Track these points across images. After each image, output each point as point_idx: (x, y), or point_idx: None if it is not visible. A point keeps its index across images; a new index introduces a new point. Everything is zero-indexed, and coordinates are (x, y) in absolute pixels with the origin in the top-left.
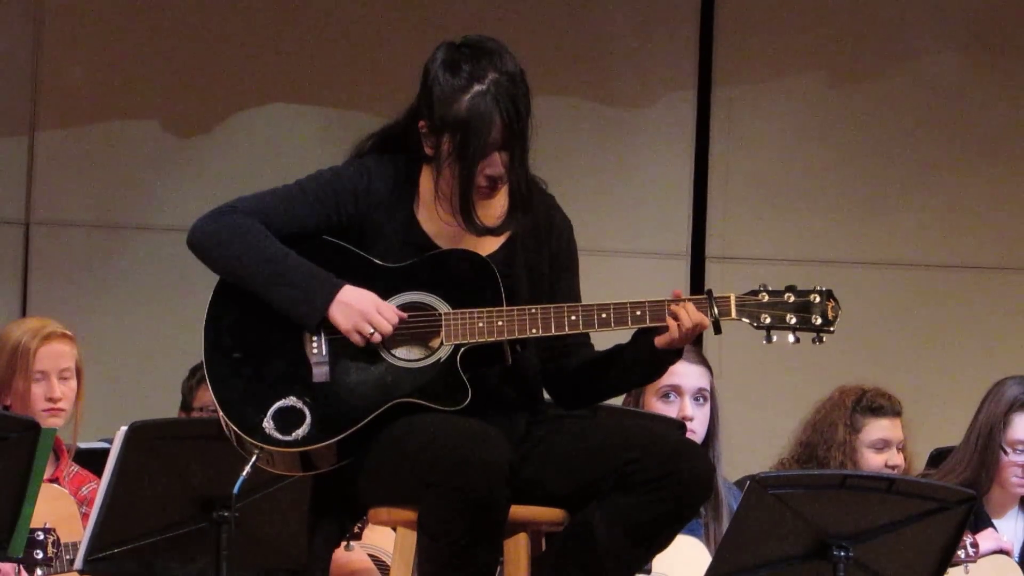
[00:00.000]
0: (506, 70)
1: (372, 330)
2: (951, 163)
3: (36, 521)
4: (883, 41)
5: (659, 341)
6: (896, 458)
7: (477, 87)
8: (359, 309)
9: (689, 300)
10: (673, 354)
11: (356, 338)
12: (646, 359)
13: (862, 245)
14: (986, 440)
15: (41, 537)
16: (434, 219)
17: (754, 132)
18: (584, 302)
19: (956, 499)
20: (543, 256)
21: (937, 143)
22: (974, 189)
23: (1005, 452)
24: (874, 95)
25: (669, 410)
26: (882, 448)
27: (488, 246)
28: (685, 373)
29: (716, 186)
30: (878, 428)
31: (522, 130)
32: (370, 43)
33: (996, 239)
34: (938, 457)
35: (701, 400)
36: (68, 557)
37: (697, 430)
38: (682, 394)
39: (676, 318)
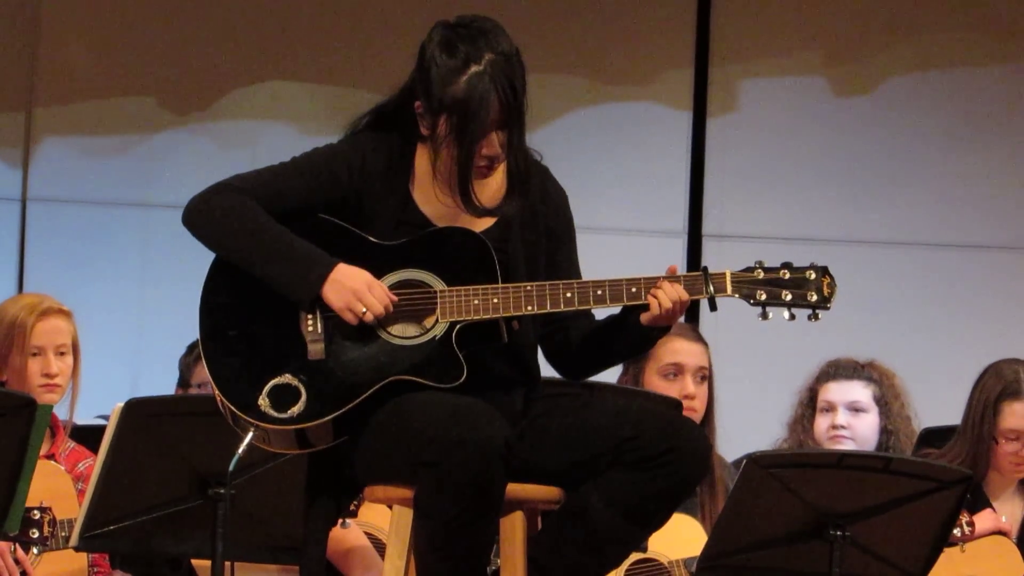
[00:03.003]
0: (502, 50)
1: (364, 309)
2: (948, 142)
3: (32, 497)
4: (881, 19)
5: (644, 318)
6: (841, 418)
7: (474, 68)
8: (352, 288)
9: (675, 277)
10: (660, 329)
11: (349, 317)
12: (634, 335)
13: (859, 223)
14: (979, 427)
15: (37, 516)
16: (429, 198)
17: (751, 110)
18: (581, 278)
19: (953, 479)
20: (539, 230)
21: (935, 121)
22: (971, 168)
23: (996, 441)
24: (871, 73)
25: (671, 388)
26: (826, 410)
27: (483, 223)
28: (688, 351)
29: (713, 164)
30: (824, 391)
31: (519, 110)
32: (367, 21)
33: (993, 218)
34: (928, 436)
35: (701, 379)
36: (64, 534)
37: (698, 408)
38: (685, 372)
39: (656, 297)
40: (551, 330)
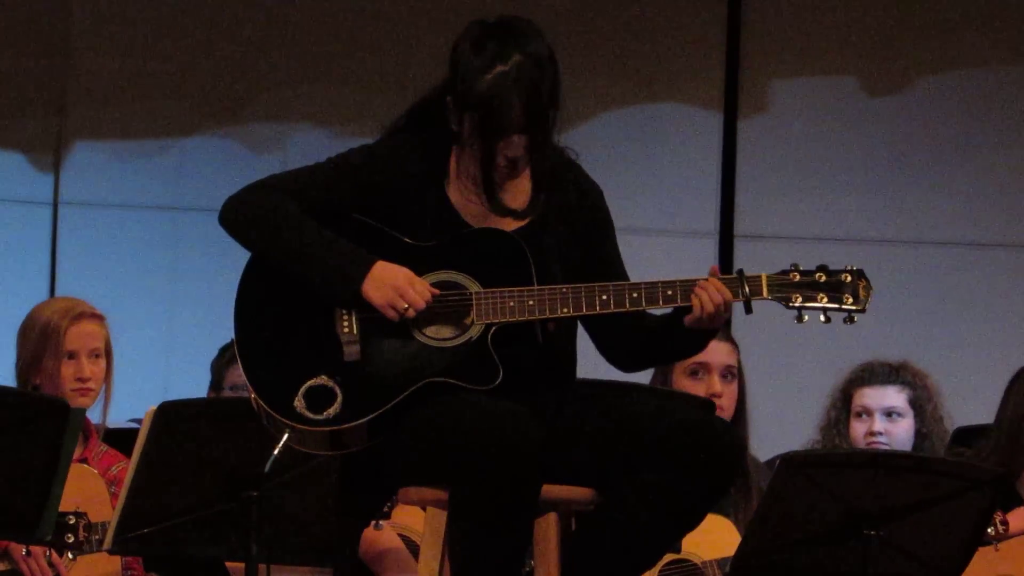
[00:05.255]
0: (531, 52)
1: (406, 305)
2: (981, 140)
3: (65, 501)
4: (912, 18)
5: (687, 320)
6: (878, 425)
7: (499, 67)
8: (393, 284)
9: (719, 278)
10: (707, 332)
11: (391, 313)
12: (682, 337)
13: (891, 223)
14: (1015, 432)
15: (73, 522)
16: (465, 197)
17: (782, 110)
18: (623, 270)
19: (986, 478)
20: (575, 229)
21: (967, 120)
22: (1006, 167)
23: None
24: (903, 72)
25: (697, 387)
26: (862, 415)
27: (517, 223)
28: (713, 350)
29: (744, 165)
30: (859, 396)
31: (542, 113)
32: (399, 23)
33: None
34: (960, 435)
35: (728, 377)
36: (97, 537)
37: (725, 407)
38: (710, 371)
39: (698, 297)
40: (604, 323)
